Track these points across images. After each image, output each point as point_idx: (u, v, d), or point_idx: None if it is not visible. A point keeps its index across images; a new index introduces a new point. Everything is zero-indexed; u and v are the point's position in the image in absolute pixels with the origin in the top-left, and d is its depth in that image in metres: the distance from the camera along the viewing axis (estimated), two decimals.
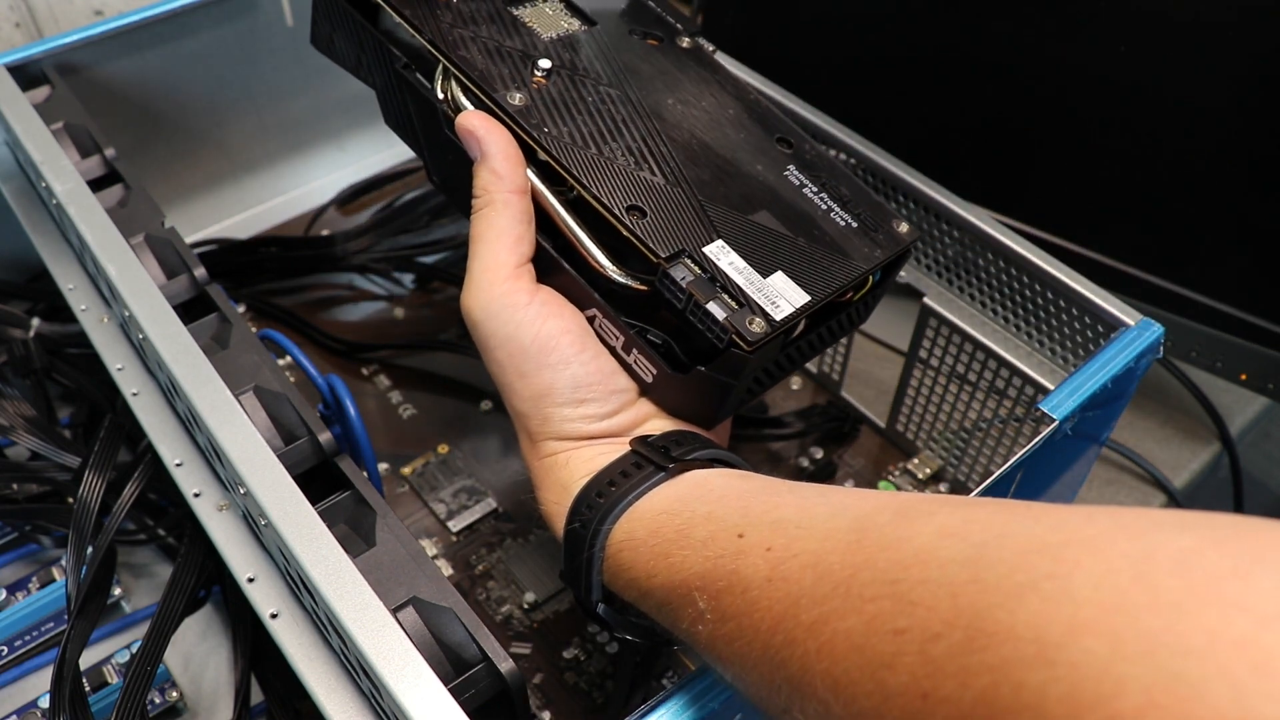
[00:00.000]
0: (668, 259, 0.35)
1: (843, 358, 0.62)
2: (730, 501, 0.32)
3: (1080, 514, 0.24)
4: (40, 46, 0.57)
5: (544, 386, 0.36)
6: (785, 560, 0.28)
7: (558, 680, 0.50)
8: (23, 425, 0.52)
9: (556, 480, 0.37)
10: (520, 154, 0.38)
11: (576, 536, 0.35)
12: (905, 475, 0.59)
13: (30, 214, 0.54)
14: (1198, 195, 0.57)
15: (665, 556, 0.32)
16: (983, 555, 0.24)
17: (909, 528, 0.26)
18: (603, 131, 0.39)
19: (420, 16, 0.41)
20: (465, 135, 0.38)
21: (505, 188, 0.37)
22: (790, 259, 0.37)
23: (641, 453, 0.36)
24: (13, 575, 0.54)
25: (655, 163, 0.38)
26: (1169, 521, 0.22)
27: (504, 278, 0.36)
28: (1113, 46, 0.55)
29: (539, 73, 0.40)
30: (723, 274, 0.35)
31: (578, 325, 0.37)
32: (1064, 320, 0.48)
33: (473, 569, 0.55)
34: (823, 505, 0.30)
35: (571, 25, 0.44)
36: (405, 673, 0.31)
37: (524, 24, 0.42)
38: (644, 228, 0.36)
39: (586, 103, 0.40)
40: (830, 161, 0.42)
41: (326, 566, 0.34)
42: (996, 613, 0.22)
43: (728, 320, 0.34)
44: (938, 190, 0.51)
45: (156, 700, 0.49)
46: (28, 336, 0.58)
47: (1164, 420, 0.67)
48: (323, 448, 0.40)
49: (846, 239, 0.39)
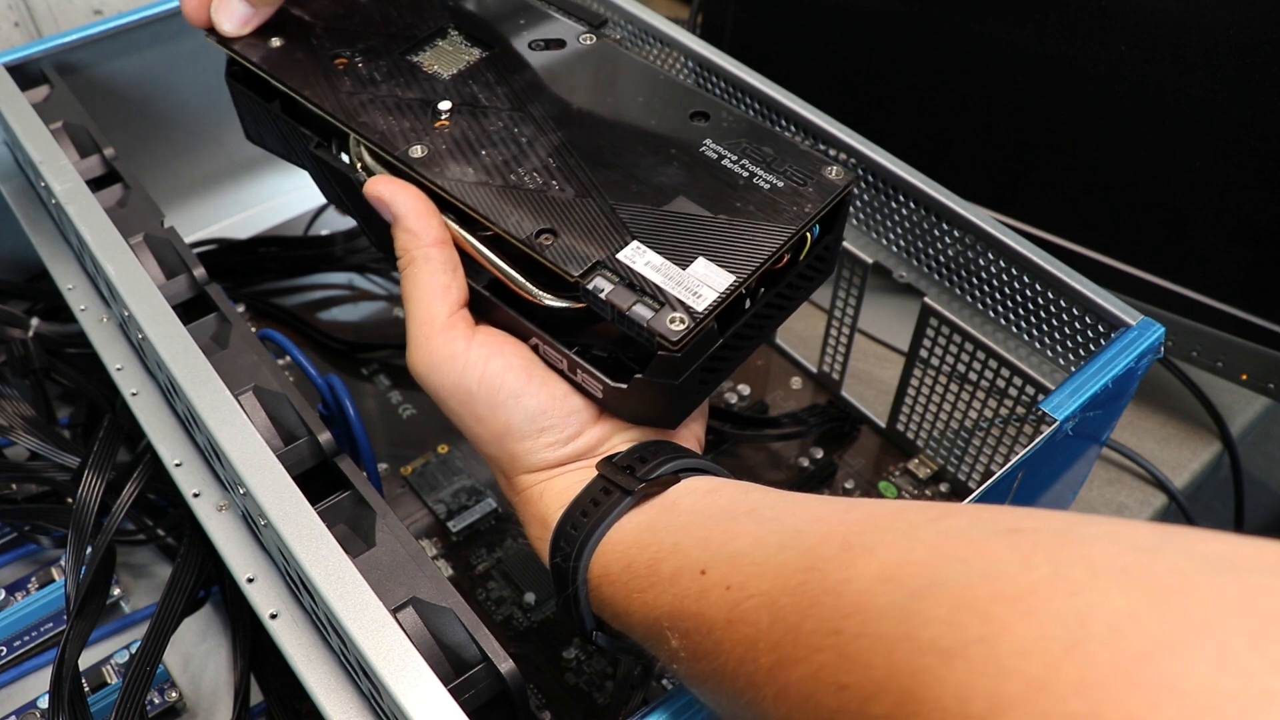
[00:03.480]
0: (583, 275, 0.35)
1: (843, 358, 0.61)
2: (694, 530, 0.32)
3: (1019, 551, 0.23)
4: (39, 46, 0.57)
5: (501, 425, 0.37)
6: (742, 601, 0.28)
7: (558, 681, 0.50)
8: (22, 425, 0.52)
9: (535, 515, 0.37)
10: (432, 207, 0.38)
11: (559, 571, 0.35)
12: (905, 475, 0.59)
13: (29, 214, 0.54)
14: (1198, 195, 0.57)
15: (639, 593, 0.32)
16: (916, 607, 0.23)
17: (851, 567, 0.26)
18: (507, 160, 0.39)
19: (320, 92, 0.41)
20: (375, 202, 0.38)
21: (422, 243, 0.37)
22: (711, 241, 0.36)
23: (608, 477, 0.36)
24: (12, 575, 0.54)
25: (563, 177, 0.38)
26: (1111, 567, 0.21)
27: (439, 329, 0.37)
28: (1113, 46, 0.55)
29: (441, 116, 0.40)
30: (639, 276, 0.35)
31: (521, 357, 0.37)
32: (1065, 320, 0.48)
33: (472, 569, 0.55)
34: (776, 535, 0.30)
35: (472, 56, 0.43)
36: (405, 673, 0.31)
37: (423, 70, 0.42)
38: (556, 249, 0.35)
39: (489, 134, 0.40)
40: (750, 123, 0.40)
41: (326, 567, 0.34)
42: (926, 677, 0.22)
43: (650, 324, 0.33)
44: (938, 190, 0.51)
45: (156, 701, 0.49)
46: (27, 336, 0.57)
47: (1165, 420, 0.67)
48: (322, 448, 0.40)
49: (772, 203, 0.37)
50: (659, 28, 0.60)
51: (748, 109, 0.57)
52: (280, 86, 0.42)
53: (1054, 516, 0.25)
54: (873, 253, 0.56)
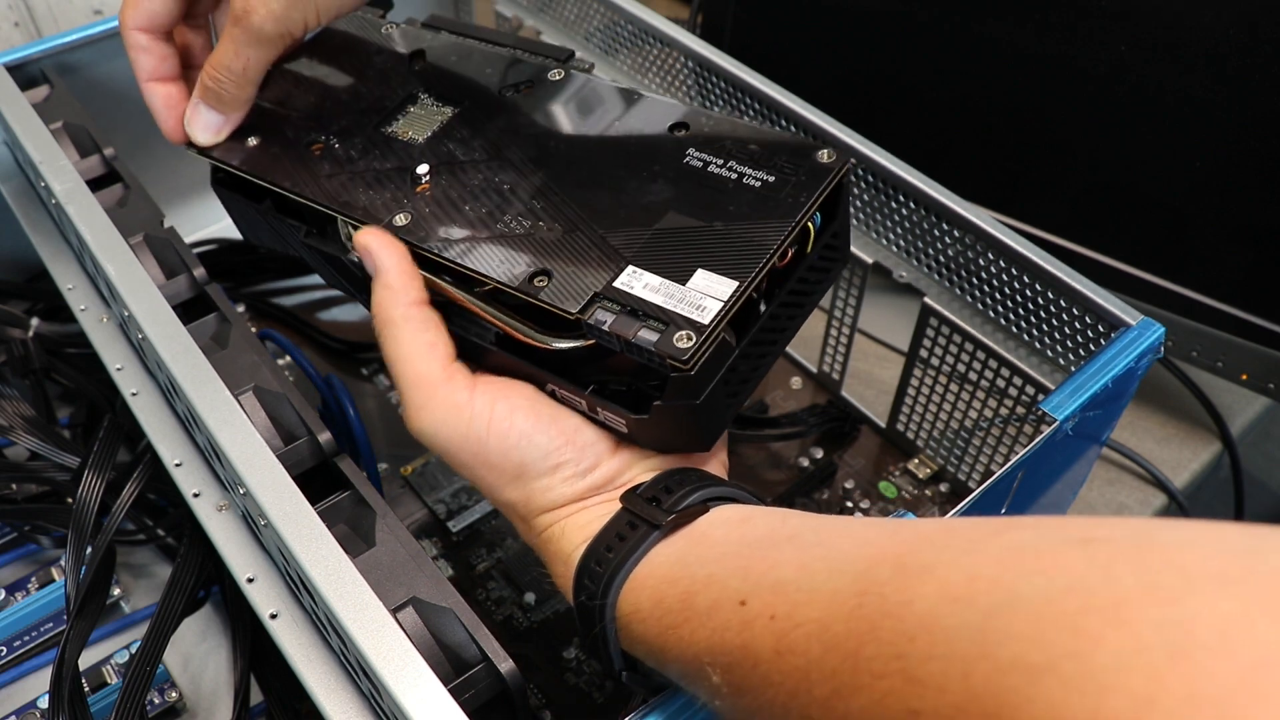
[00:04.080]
0: (583, 310, 0.34)
1: (843, 358, 0.61)
2: (730, 560, 0.31)
3: (1098, 561, 0.21)
4: (39, 46, 0.57)
5: (516, 467, 0.36)
6: (790, 631, 0.27)
7: (558, 680, 0.50)
8: (22, 425, 0.52)
9: (557, 553, 0.36)
10: (414, 267, 0.37)
11: (585, 610, 0.34)
12: (905, 475, 0.59)
13: (29, 214, 0.54)
14: (1198, 195, 0.57)
15: (673, 629, 0.31)
16: (992, 625, 0.22)
17: (910, 588, 0.25)
18: (491, 210, 0.38)
19: (301, 182, 0.41)
20: (362, 253, 0.37)
21: (402, 303, 0.36)
22: (708, 251, 0.35)
23: (633, 510, 0.34)
24: (12, 575, 0.54)
25: (549, 216, 0.37)
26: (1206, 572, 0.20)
27: (438, 384, 0.36)
28: (1113, 46, 0.55)
29: (421, 181, 0.40)
30: (639, 300, 0.34)
31: (527, 398, 0.36)
32: (1065, 320, 0.48)
33: (473, 569, 0.55)
34: (823, 561, 0.28)
35: (444, 115, 0.43)
36: (405, 673, 0.31)
37: (398, 138, 0.42)
38: (552, 291, 0.35)
39: (470, 189, 0.39)
40: (732, 124, 0.39)
41: (326, 567, 0.34)
42: (1012, 698, 0.20)
43: (657, 346, 0.33)
44: (938, 190, 0.51)
45: (156, 701, 0.49)
46: (27, 336, 0.58)
47: (1165, 420, 0.67)
48: (322, 448, 0.40)
49: (765, 200, 0.36)
50: (659, 28, 0.60)
51: (748, 109, 0.57)
52: (263, 185, 0.42)
53: (1125, 523, 0.23)
54: (873, 252, 0.56)
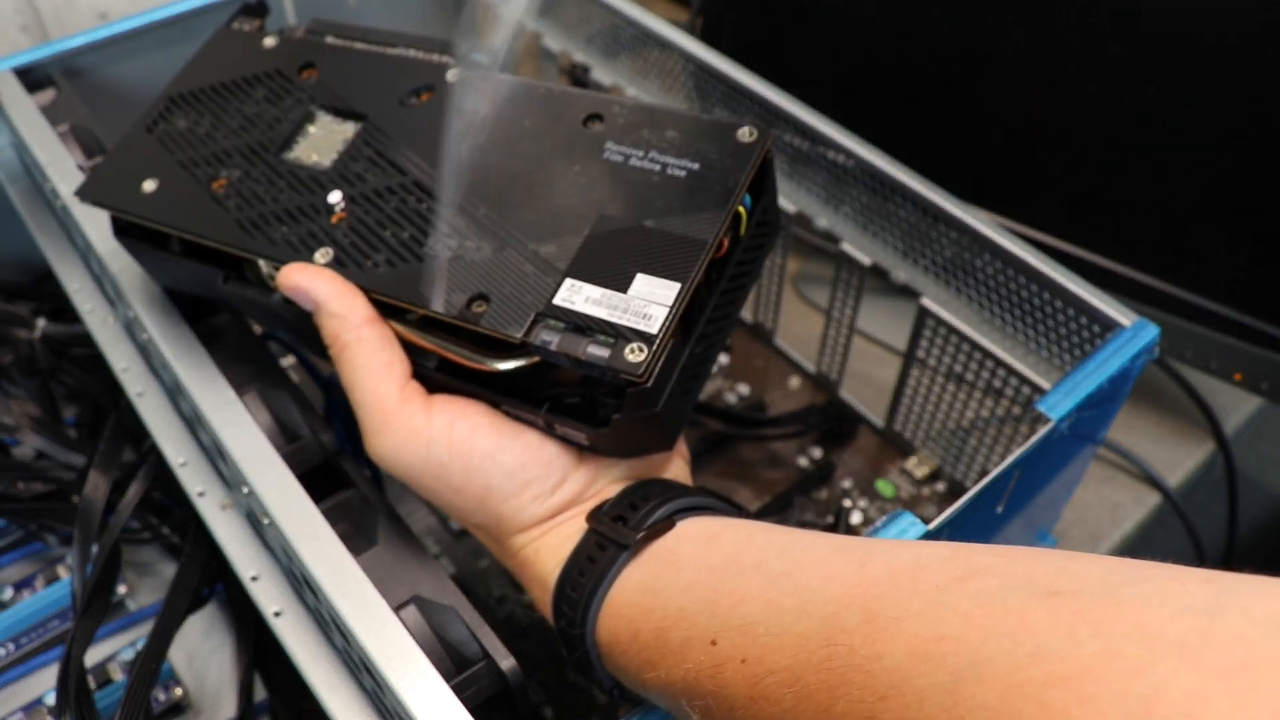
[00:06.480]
0: (527, 333, 0.33)
1: (841, 358, 0.62)
2: (699, 590, 0.31)
3: (1063, 620, 0.22)
4: (46, 49, 0.57)
5: (481, 489, 0.35)
6: (763, 677, 0.27)
7: (559, 677, 0.50)
8: (28, 424, 0.52)
9: (533, 576, 0.36)
10: (353, 287, 0.36)
11: (566, 635, 0.34)
12: (903, 475, 0.60)
13: (36, 216, 0.54)
14: (1193, 196, 0.57)
15: (650, 666, 0.31)
16: (961, 691, 0.22)
17: (878, 642, 0.25)
18: (415, 236, 0.36)
19: (209, 222, 0.39)
20: (292, 292, 0.36)
21: (351, 325, 0.35)
22: (643, 253, 0.33)
23: (600, 531, 0.34)
24: (19, 573, 0.54)
25: (476, 234, 0.36)
26: (1169, 636, 0.20)
27: (394, 407, 0.34)
28: (1109, 48, 0.55)
29: (335, 210, 0.38)
30: (582, 316, 0.33)
31: (486, 416, 0.35)
32: (1060, 321, 0.48)
33: (474, 567, 0.55)
34: (790, 598, 0.28)
35: (346, 133, 0.40)
36: (407, 670, 0.32)
37: (301, 164, 0.39)
38: (492, 317, 0.33)
39: (388, 214, 0.37)
40: (646, 112, 0.37)
41: (329, 565, 0.34)
42: None
43: (609, 363, 0.32)
44: (935, 191, 0.51)
45: (161, 698, 0.49)
46: (33, 337, 0.58)
47: (1159, 420, 0.67)
48: (325, 447, 0.40)
49: (693, 189, 0.34)
50: (659, 31, 0.61)
51: (747, 112, 0.58)
52: (171, 231, 0.39)
53: (1092, 570, 0.23)
54: (871, 254, 0.56)
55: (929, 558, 0.27)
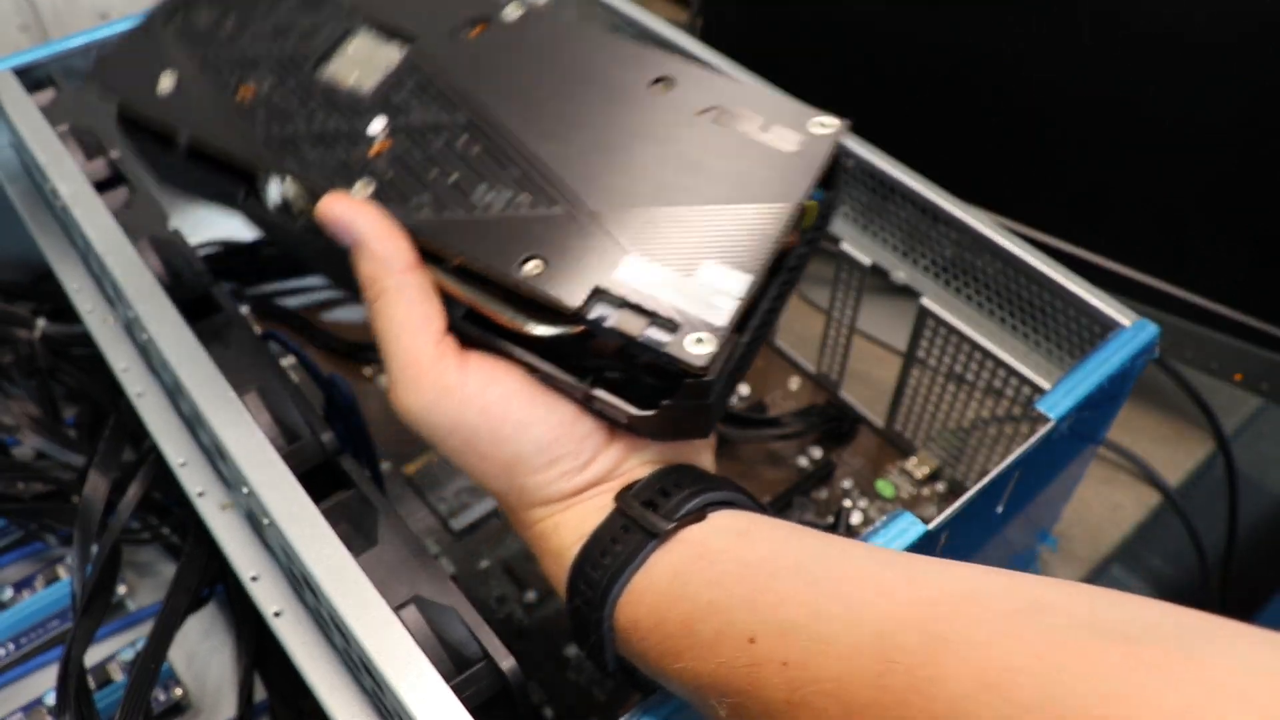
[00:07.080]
0: (585, 304, 0.31)
1: (841, 358, 0.62)
2: (732, 585, 0.30)
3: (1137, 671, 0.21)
4: (46, 49, 0.57)
5: (509, 459, 0.33)
6: (805, 684, 0.26)
7: (559, 678, 0.50)
8: (28, 424, 0.52)
9: (550, 549, 0.34)
10: (395, 227, 0.34)
11: (581, 615, 0.33)
12: (903, 475, 0.60)
13: (36, 216, 0.54)
14: (1194, 196, 0.57)
15: (675, 656, 0.30)
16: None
17: (941, 665, 0.24)
18: (465, 181, 0.34)
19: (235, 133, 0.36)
20: (331, 225, 0.34)
21: (394, 270, 0.33)
22: (713, 236, 0.32)
23: (630, 515, 0.33)
24: (18, 573, 0.54)
25: (531, 189, 0.33)
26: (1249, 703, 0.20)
27: (428, 364, 0.32)
28: (1109, 48, 0.55)
29: (375, 141, 0.35)
30: (645, 295, 0.31)
31: (520, 381, 0.33)
32: (1060, 321, 0.48)
33: (475, 567, 0.55)
34: (838, 606, 0.27)
35: (390, 57, 0.37)
36: (407, 671, 0.32)
37: (339, 86, 0.37)
38: (547, 279, 0.31)
39: (436, 153, 0.35)
40: (721, 82, 0.35)
41: (329, 565, 0.34)
42: None
43: (669, 349, 0.30)
44: (935, 191, 0.51)
45: (161, 698, 0.49)
46: (33, 337, 0.58)
47: (1159, 420, 0.67)
48: (325, 447, 0.40)
49: (766, 175, 0.33)
50: (659, 31, 0.61)
51: None
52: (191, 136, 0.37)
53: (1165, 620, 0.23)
54: (871, 254, 0.56)
55: (987, 584, 0.26)
